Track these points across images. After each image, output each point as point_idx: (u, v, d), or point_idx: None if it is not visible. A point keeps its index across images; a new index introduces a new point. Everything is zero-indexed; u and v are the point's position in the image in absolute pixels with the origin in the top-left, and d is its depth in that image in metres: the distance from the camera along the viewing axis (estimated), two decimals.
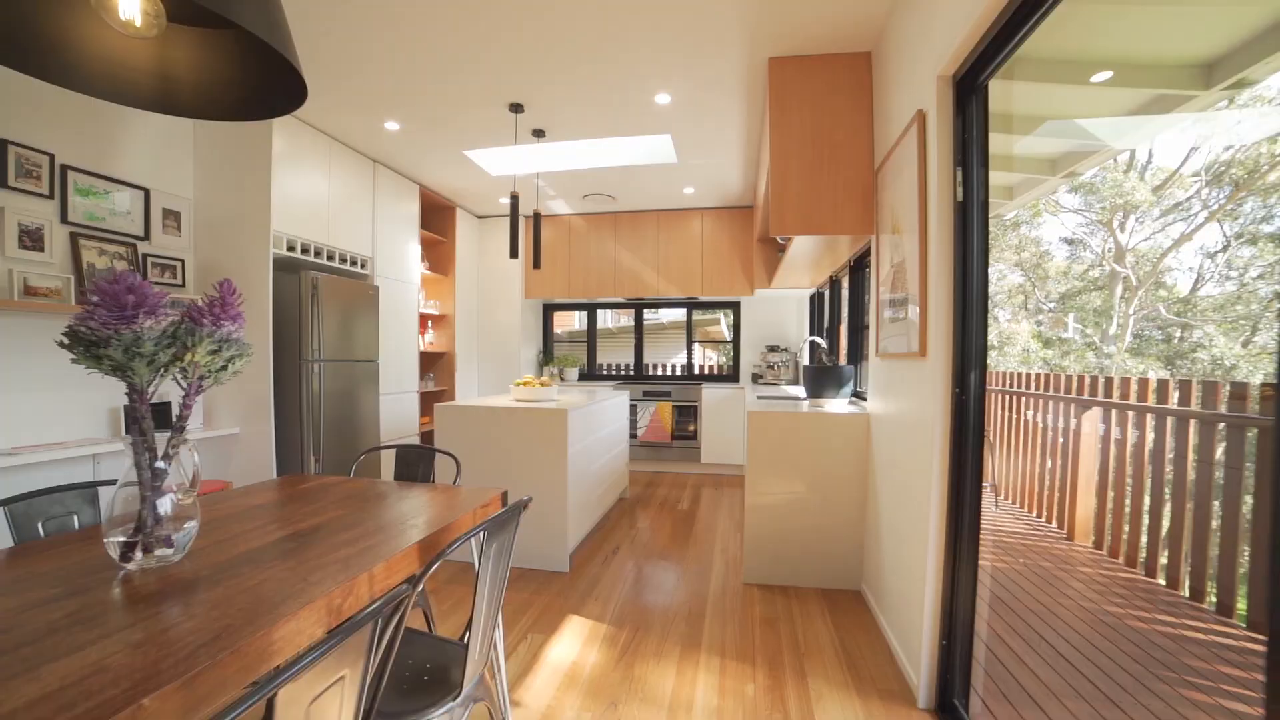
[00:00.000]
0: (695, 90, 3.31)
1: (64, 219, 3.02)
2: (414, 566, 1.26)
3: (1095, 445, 3.18)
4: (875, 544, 2.65)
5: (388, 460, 4.49)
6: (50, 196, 2.96)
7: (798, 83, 2.85)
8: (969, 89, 1.66)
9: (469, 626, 1.25)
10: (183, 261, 3.58)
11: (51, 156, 2.96)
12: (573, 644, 2.37)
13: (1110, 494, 2.95)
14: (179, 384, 1.15)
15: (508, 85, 3.27)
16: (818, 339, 3.78)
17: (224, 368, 1.15)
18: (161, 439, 3.20)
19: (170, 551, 1.09)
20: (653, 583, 3.03)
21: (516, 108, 3.53)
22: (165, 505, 1.10)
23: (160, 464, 1.10)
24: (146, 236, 3.39)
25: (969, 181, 1.67)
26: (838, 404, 3.15)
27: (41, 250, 2.92)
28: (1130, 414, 2.82)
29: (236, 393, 3.56)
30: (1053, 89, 2.60)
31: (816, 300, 5.23)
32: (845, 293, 4.25)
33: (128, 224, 3.31)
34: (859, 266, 3.57)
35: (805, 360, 5.55)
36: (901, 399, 2.27)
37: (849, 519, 2.90)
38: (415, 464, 2.17)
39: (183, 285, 3.56)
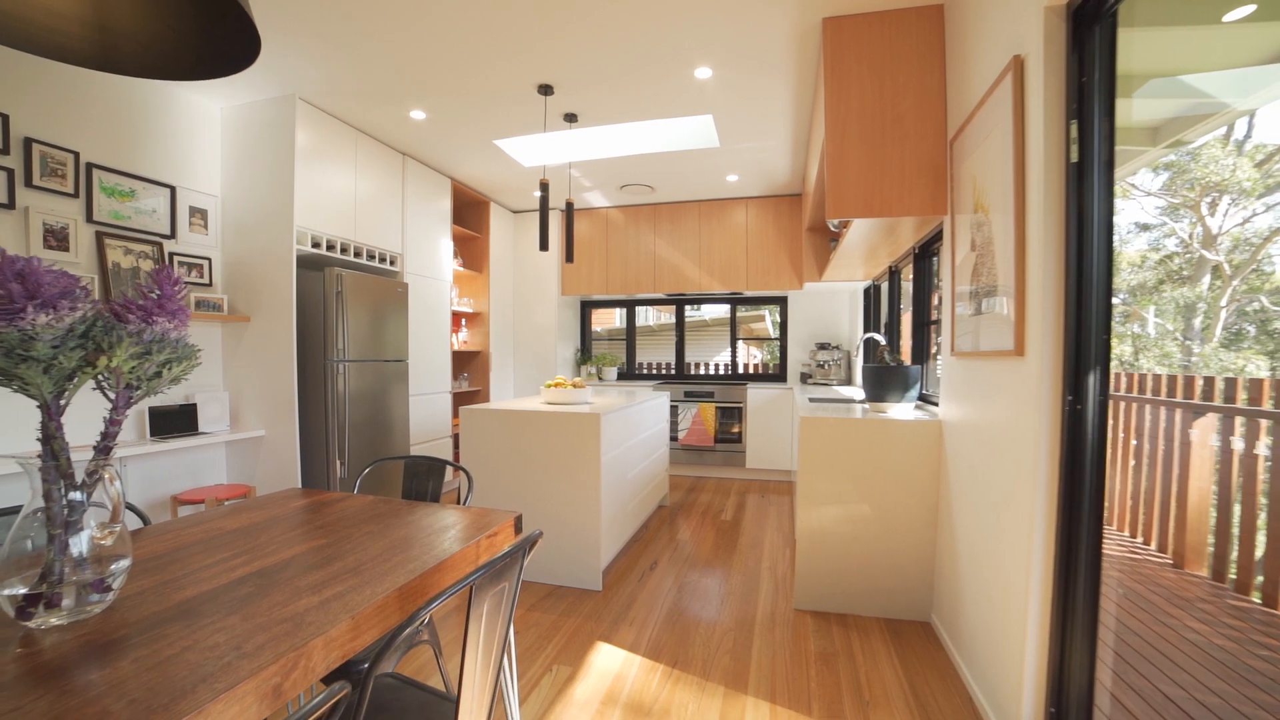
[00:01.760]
0: (739, 62, 3.00)
1: (89, 218, 2.96)
2: (392, 619, 1.02)
3: (1211, 457, 2.72)
4: (950, 572, 2.30)
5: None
6: (75, 195, 2.91)
7: (856, 45, 2.51)
8: (1090, 18, 1.31)
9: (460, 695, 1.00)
10: (210, 260, 3.50)
11: (76, 155, 2.90)
12: (602, 679, 2.12)
13: (1236, 516, 2.49)
14: (105, 395, 0.94)
15: (535, 63, 3.04)
16: (876, 335, 3.42)
17: (158, 374, 0.93)
18: (178, 442, 3.03)
19: (74, 604, 0.88)
20: (693, 605, 2.75)
21: (546, 89, 3.30)
22: (80, 546, 0.89)
23: (76, 495, 0.90)
24: (173, 235, 3.33)
25: (1087, 137, 1.32)
26: (902, 409, 2.80)
27: (67, 250, 2.87)
28: (1264, 422, 2.37)
29: (262, 394, 3.46)
30: (1166, 36, 2.18)
31: (872, 294, 4.82)
32: (906, 284, 3.86)
33: (154, 222, 3.24)
34: (924, 254, 3.19)
35: (859, 359, 5.15)
36: (987, 405, 1.92)
37: (916, 541, 2.55)
38: (425, 478, 1.96)
39: (209, 284, 3.49)
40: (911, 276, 3.35)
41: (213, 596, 0.99)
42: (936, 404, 2.81)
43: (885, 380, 2.81)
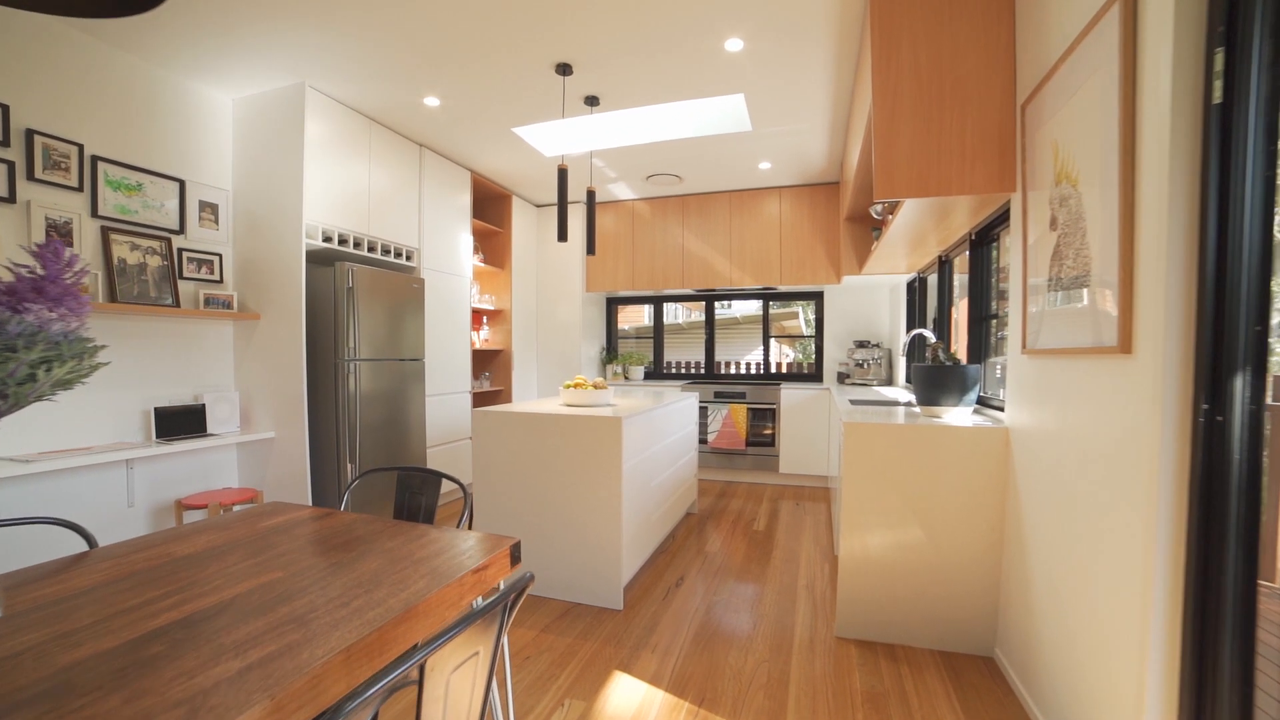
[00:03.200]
0: (773, 32, 2.73)
1: (94, 213, 2.86)
2: (335, 689, 0.80)
3: None
4: (1020, 605, 1.99)
5: (434, 459, 4.20)
6: (79, 189, 2.81)
7: (908, 1, 2.21)
8: None
9: None
10: (220, 256, 3.39)
11: (80, 147, 2.80)
12: (621, 717, 1.88)
13: None
14: None
15: (551, 40, 2.81)
16: (925, 332, 3.10)
17: (31, 377, 0.73)
18: (185, 444, 2.91)
19: None
20: (723, 629, 2.50)
21: (564, 69, 3.08)
22: None
23: None
24: (182, 230, 3.22)
25: (1238, 69, 1.02)
26: (960, 413, 2.48)
27: (70, 245, 2.76)
28: None
29: (272, 394, 3.33)
30: None
31: (917, 287, 4.47)
32: (958, 276, 3.51)
33: (162, 217, 3.14)
34: (983, 240, 2.85)
35: (902, 357, 4.80)
36: (1073, 411, 1.61)
37: (977, 565, 2.24)
38: (419, 492, 1.75)
39: (220, 281, 3.37)
40: (968, 266, 3.02)
41: (105, 660, 0.78)
42: (999, 408, 2.49)
43: (940, 381, 2.50)
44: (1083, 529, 1.52)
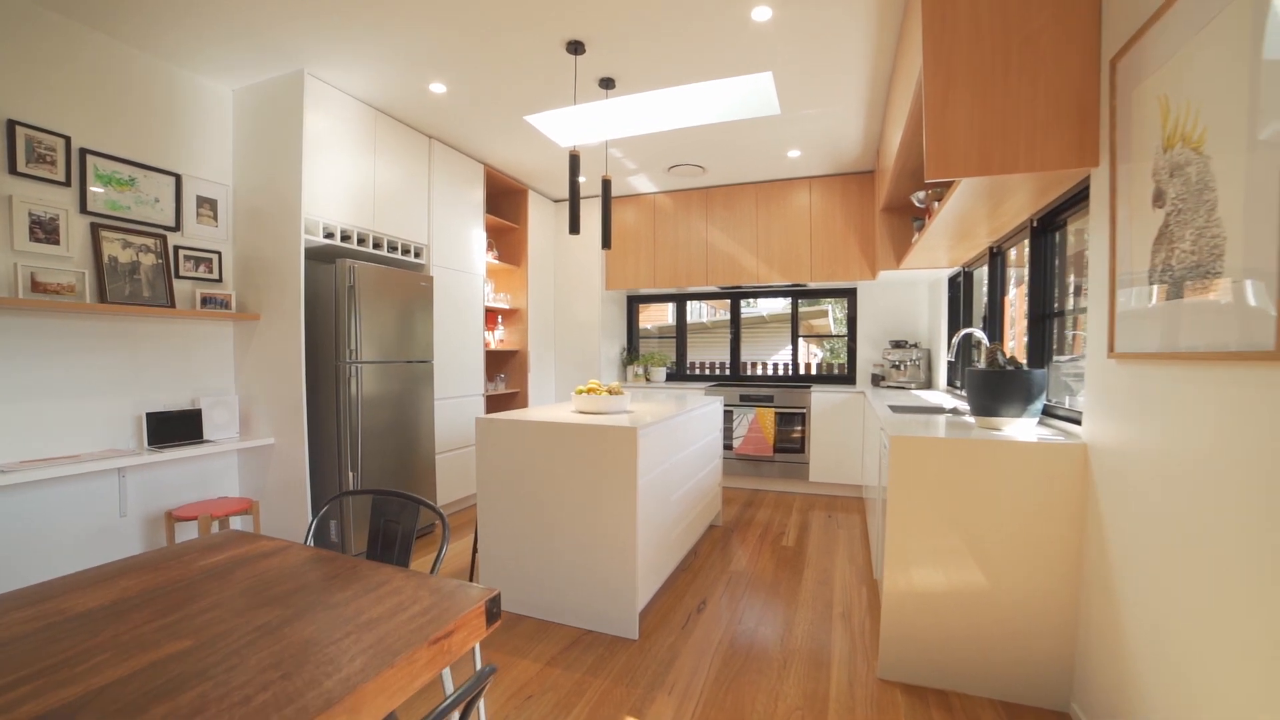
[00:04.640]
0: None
1: (83, 208, 2.71)
2: None
3: None
4: (1107, 651, 1.67)
5: (443, 466, 4.00)
6: (67, 184, 2.66)
7: None
8: None
9: None
10: (219, 254, 3.23)
11: (68, 139, 2.65)
12: None
13: None
14: None
15: (560, 14, 2.57)
16: (978, 331, 2.77)
17: None
18: (178, 451, 2.73)
19: None
20: (750, 666, 2.22)
21: (576, 47, 2.83)
22: None
23: None
24: (178, 227, 3.06)
25: None
26: (1023, 426, 2.16)
27: (56, 243, 2.62)
28: None
29: (272, 398, 3.16)
30: None
31: (962, 282, 4.11)
32: (1012, 270, 3.17)
33: (157, 213, 2.98)
34: (1046, 227, 2.52)
35: (943, 359, 4.44)
36: (1193, 430, 1.30)
37: (1049, 603, 1.93)
38: (396, 519, 1.51)
39: (219, 280, 3.21)
40: (1025, 257, 2.68)
41: None
42: (1069, 419, 2.16)
43: (1000, 389, 2.18)
44: (1214, 575, 1.21)
